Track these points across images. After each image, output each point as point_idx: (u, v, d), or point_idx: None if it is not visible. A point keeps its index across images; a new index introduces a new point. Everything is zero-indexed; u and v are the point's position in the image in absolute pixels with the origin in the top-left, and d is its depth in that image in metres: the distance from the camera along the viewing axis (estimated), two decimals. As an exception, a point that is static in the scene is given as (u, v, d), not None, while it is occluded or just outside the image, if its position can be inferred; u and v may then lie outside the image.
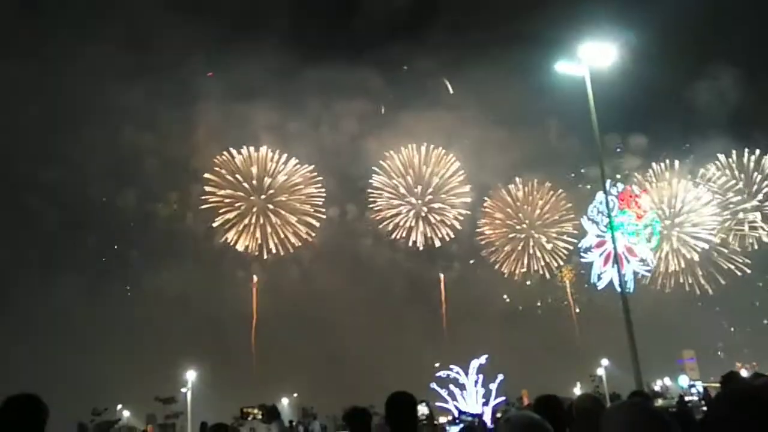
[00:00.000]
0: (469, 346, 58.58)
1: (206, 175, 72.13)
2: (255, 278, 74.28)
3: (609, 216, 31.43)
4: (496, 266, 75.95)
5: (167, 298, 64.87)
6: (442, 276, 76.57)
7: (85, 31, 65.44)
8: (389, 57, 75.76)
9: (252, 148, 73.25)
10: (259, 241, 74.58)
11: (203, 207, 71.86)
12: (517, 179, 75.68)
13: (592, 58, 25.22)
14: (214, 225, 72.67)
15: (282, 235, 74.91)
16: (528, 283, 75.45)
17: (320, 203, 74.64)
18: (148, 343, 62.44)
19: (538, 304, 77.77)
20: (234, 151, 73.03)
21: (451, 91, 75.65)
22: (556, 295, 76.14)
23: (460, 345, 62.41)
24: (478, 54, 76.63)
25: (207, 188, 72.17)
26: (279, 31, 74.07)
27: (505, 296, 75.17)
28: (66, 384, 55.17)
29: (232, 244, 73.45)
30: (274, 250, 74.73)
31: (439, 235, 76.00)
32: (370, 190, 75.90)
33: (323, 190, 74.45)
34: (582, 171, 74.06)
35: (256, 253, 74.43)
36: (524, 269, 75.91)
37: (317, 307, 69.28)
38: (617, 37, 26.63)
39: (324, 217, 74.68)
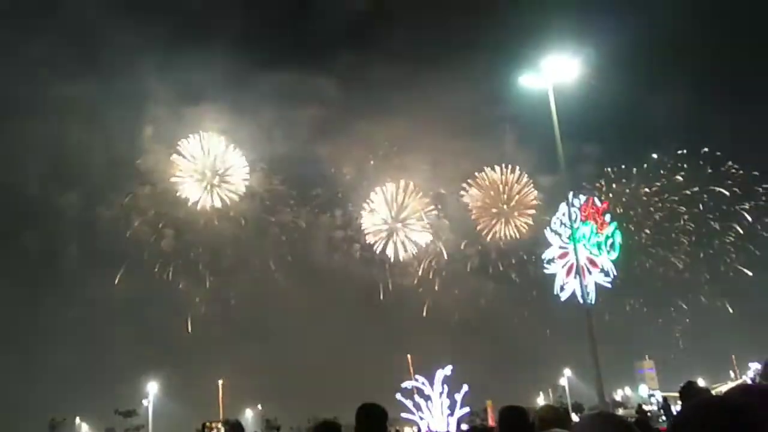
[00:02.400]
0: (432, 357, 58.76)
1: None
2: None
3: (572, 227, 31.99)
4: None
5: (118, 305, 63.10)
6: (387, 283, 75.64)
7: (27, 26, 63.42)
8: (344, 64, 76.00)
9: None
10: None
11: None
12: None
13: (556, 72, 25.77)
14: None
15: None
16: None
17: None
18: (104, 353, 60.81)
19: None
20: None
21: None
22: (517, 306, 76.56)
23: (422, 355, 62.65)
24: (433, 62, 77.81)
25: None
26: (231, 36, 73.58)
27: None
28: (20, 394, 53.57)
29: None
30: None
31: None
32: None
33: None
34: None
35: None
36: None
37: (274, 316, 68.41)
38: (575, 50, 27.20)
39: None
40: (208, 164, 68.27)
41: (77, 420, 62.79)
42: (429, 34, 79.47)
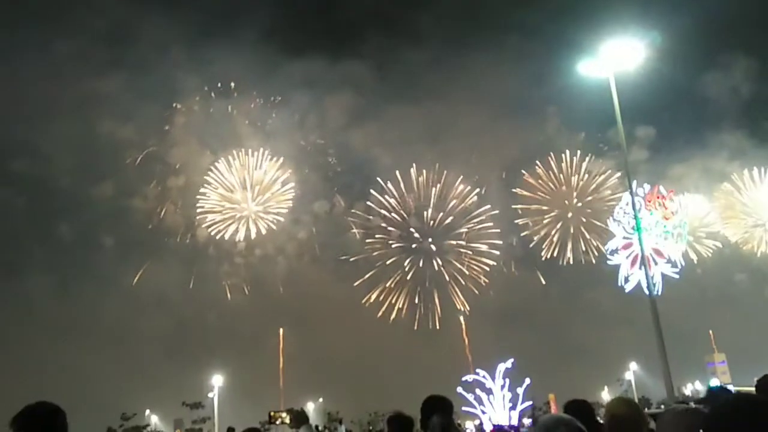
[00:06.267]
0: (492, 350, 57.94)
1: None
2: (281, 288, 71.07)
3: (636, 217, 31.02)
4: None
5: (175, 301, 64.51)
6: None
7: (59, 24, 64.83)
8: (377, 48, 75.20)
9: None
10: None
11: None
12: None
13: (616, 59, 24.96)
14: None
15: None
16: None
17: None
18: (171, 346, 62.50)
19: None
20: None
21: None
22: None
23: (482, 348, 61.97)
24: (469, 44, 76.32)
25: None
26: (260, 24, 73.46)
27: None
28: (93, 389, 55.82)
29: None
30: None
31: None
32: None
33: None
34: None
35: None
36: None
37: (326, 308, 68.25)
38: (634, 33, 26.18)
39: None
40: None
41: (147, 412, 65.36)
42: (462, 15, 77.91)
